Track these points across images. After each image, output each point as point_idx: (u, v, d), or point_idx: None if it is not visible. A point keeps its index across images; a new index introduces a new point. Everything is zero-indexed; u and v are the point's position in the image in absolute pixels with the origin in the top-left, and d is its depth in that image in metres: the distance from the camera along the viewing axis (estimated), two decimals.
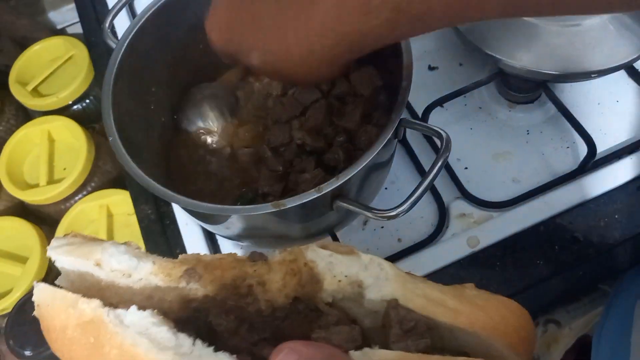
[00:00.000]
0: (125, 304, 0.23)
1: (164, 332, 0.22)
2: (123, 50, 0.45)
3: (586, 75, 0.55)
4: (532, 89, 0.60)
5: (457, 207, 0.56)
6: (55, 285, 0.25)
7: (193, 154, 0.50)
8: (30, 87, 0.85)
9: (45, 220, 0.82)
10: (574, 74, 0.55)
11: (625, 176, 0.55)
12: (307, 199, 0.37)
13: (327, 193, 0.38)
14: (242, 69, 0.54)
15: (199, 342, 0.22)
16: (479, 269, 0.54)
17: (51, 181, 0.77)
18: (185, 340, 0.22)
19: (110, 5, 0.76)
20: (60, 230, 0.73)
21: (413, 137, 0.61)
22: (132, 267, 0.25)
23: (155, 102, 0.50)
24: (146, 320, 0.22)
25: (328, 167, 0.49)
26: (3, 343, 0.68)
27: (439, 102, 0.60)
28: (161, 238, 0.59)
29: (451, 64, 0.67)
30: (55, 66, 0.87)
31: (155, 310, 0.23)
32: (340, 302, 0.26)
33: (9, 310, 0.69)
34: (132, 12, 0.73)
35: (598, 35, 0.56)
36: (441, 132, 0.39)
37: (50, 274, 0.74)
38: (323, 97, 0.53)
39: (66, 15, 0.91)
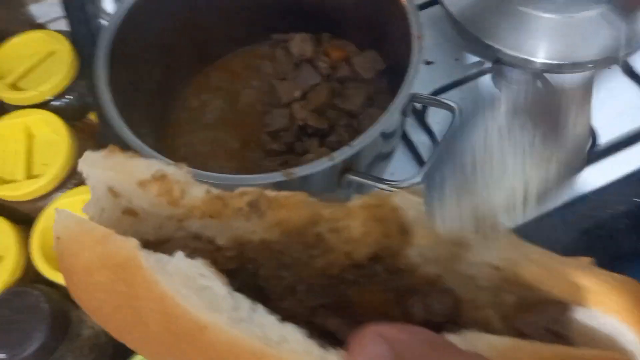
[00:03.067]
0: (166, 247, 0.18)
1: (217, 288, 0.17)
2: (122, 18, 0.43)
3: (582, 66, 0.56)
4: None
5: None
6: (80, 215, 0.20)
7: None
8: (8, 81, 0.81)
9: (20, 220, 0.77)
10: (571, 64, 0.56)
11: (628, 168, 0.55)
12: (320, 168, 0.35)
13: (339, 164, 0.36)
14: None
15: (260, 307, 0.17)
16: None
17: (30, 177, 0.73)
18: (243, 302, 0.17)
19: None
20: (38, 228, 0.69)
21: (412, 130, 0.60)
22: (183, 188, 0.20)
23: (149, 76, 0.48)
24: (195, 270, 0.18)
25: (332, 150, 0.48)
26: None
27: (435, 95, 0.60)
28: None
29: (447, 59, 0.67)
30: (35, 60, 0.83)
31: (209, 261, 0.18)
32: (427, 266, 0.21)
33: None
34: None
35: (593, 28, 0.57)
36: (452, 104, 0.38)
37: (27, 276, 0.69)
38: (323, 80, 0.52)
39: (48, 10, 0.88)
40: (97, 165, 0.21)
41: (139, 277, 0.18)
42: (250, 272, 0.20)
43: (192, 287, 0.17)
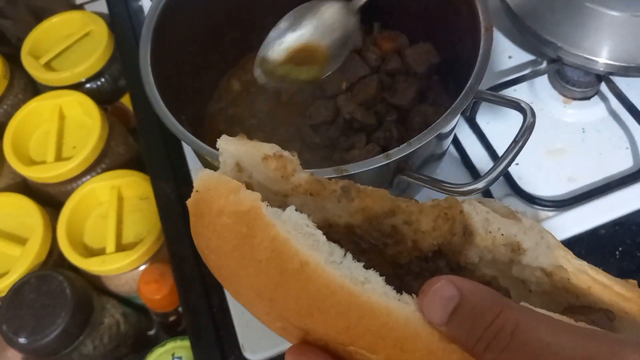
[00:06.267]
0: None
1: (318, 235, 0.21)
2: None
3: None
4: (591, 84, 0.56)
5: (509, 204, 0.51)
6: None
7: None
8: (43, 61, 0.80)
9: (48, 202, 0.76)
10: (638, 67, 0.51)
11: None
12: (373, 166, 0.32)
13: (394, 162, 0.33)
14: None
15: (349, 254, 0.21)
16: None
17: (59, 159, 0.71)
18: (337, 249, 0.21)
19: None
20: (66, 211, 0.67)
21: (459, 130, 0.56)
22: (294, 168, 0.24)
23: (191, 62, 0.46)
24: (302, 220, 0.21)
25: (379, 147, 0.44)
26: None
27: None
28: (180, 219, 0.54)
29: (500, 57, 0.63)
30: (71, 41, 0.82)
31: (311, 217, 0.22)
32: (485, 266, 0.24)
33: (3, 294, 0.63)
34: None
35: None
36: (522, 103, 0.35)
37: (51, 258, 0.68)
38: (372, 72, 0.49)
39: None
40: (232, 143, 0.25)
41: (259, 220, 0.22)
42: None
43: (299, 231, 0.21)
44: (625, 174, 0.52)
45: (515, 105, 0.34)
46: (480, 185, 0.34)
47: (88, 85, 0.82)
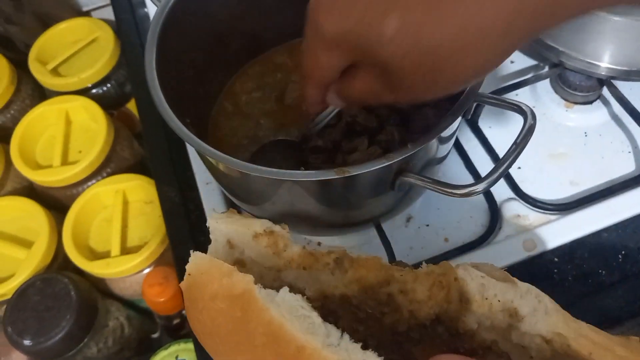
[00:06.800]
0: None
1: (314, 318, 0.21)
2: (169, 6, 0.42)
3: None
4: (592, 88, 0.56)
5: (511, 207, 0.52)
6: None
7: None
8: (50, 67, 0.81)
9: (53, 206, 0.77)
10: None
11: None
12: (375, 167, 0.32)
13: (395, 164, 0.33)
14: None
15: (346, 336, 0.21)
16: (535, 275, 0.49)
17: (65, 163, 0.72)
18: (333, 331, 0.21)
19: None
20: (72, 214, 0.68)
21: (461, 133, 0.57)
22: (286, 243, 0.25)
23: (194, 68, 0.46)
24: (297, 302, 0.22)
25: (381, 150, 0.45)
26: (1, 335, 0.62)
27: None
28: (184, 222, 0.54)
29: None
30: (77, 47, 0.83)
31: (305, 297, 0.22)
32: (484, 331, 0.24)
33: (9, 296, 0.64)
34: None
35: None
36: (522, 106, 0.35)
37: (56, 261, 0.69)
38: None
39: None
40: (222, 221, 0.26)
41: (253, 305, 0.22)
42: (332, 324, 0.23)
43: (294, 315, 0.21)
44: (627, 178, 0.52)
45: (516, 107, 0.35)
46: (480, 187, 0.34)
47: (94, 91, 0.83)
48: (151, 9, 0.75)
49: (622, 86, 0.56)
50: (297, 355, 0.21)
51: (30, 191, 0.78)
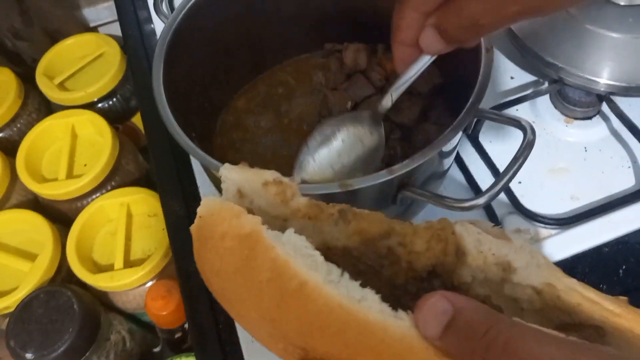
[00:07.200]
0: None
1: (317, 257, 0.22)
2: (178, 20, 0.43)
3: None
4: (592, 104, 0.57)
5: (512, 222, 0.52)
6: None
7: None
8: (57, 81, 0.82)
9: (58, 219, 0.77)
10: (639, 87, 0.52)
11: None
12: (377, 181, 0.33)
13: (397, 178, 0.34)
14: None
15: (346, 274, 0.22)
16: None
17: (70, 176, 0.73)
18: (334, 269, 0.22)
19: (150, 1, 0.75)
20: (76, 227, 0.68)
21: (462, 148, 0.57)
22: (294, 192, 0.26)
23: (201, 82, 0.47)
24: (301, 242, 0.23)
25: (383, 164, 0.45)
26: (3, 348, 0.63)
27: None
28: (187, 235, 0.55)
29: (502, 78, 0.64)
30: (84, 62, 0.85)
31: (309, 239, 0.23)
32: (478, 286, 0.25)
33: (12, 309, 0.64)
34: None
35: None
36: (522, 121, 0.36)
37: (60, 274, 0.69)
38: (377, 92, 0.50)
39: (101, 13, 0.90)
40: (234, 170, 0.26)
41: (259, 243, 0.23)
42: None
43: (298, 253, 0.22)
44: (627, 193, 0.53)
45: (516, 123, 0.35)
46: (481, 201, 0.34)
47: (100, 105, 0.84)
48: (157, 25, 0.76)
49: (621, 102, 0.57)
50: (299, 290, 0.21)
51: (35, 204, 0.78)
